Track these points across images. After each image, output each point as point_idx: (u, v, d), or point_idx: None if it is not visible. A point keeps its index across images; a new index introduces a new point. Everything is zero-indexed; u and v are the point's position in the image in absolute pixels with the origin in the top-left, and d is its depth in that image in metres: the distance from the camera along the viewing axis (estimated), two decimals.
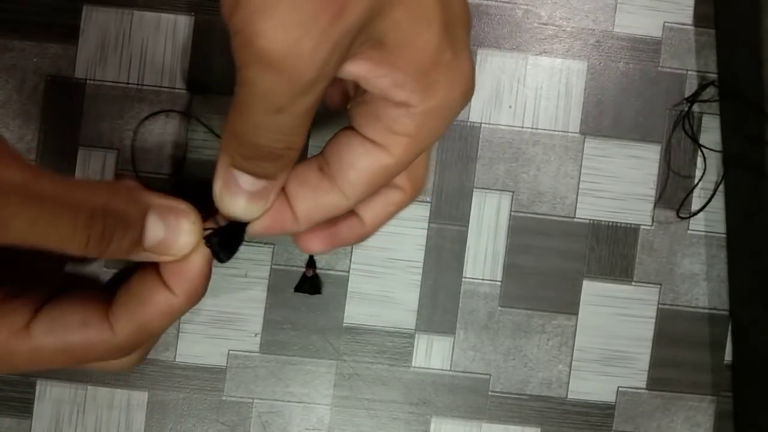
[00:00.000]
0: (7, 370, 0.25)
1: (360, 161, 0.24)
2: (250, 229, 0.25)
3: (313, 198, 0.25)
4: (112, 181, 0.24)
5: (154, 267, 0.25)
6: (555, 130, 0.38)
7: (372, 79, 0.22)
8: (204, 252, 0.25)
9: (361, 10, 0.20)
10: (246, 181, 0.23)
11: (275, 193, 0.25)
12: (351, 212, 0.28)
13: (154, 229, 0.23)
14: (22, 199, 0.21)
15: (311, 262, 0.37)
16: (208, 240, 0.25)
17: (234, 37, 0.20)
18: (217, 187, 0.24)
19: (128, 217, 0.23)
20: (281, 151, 0.22)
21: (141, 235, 0.23)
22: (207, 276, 0.26)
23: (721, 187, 0.38)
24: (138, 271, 0.26)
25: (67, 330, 0.24)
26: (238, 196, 0.24)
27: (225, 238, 0.25)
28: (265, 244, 0.37)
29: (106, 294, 0.25)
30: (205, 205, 0.37)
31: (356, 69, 0.22)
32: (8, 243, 0.22)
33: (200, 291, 0.26)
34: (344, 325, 0.37)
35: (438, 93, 0.23)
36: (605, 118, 0.38)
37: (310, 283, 0.37)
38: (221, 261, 0.25)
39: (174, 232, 0.24)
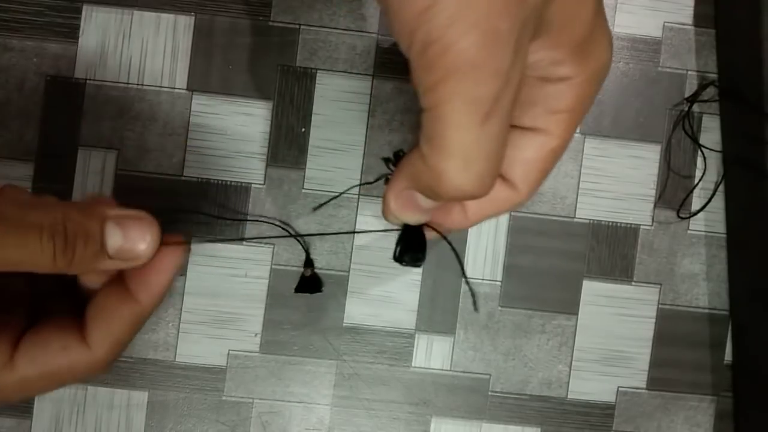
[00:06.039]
0: None
1: (526, 153, 0.24)
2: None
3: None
4: (66, 201, 0.26)
5: (119, 279, 0.27)
6: None
7: (531, 63, 0.22)
8: (167, 258, 0.26)
9: None
10: (428, 202, 0.23)
11: None
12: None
13: (113, 237, 0.25)
14: None
15: (309, 262, 0.37)
16: (400, 255, 0.25)
17: (424, 52, 0.19)
18: (392, 204, 0.24)
19: (87, 228, 0.24)
20: (484, 190, 0.21)
21: (102, 244, 0.24)
22: (170, 282, 0.27)
23: (721, 187, 0.38)
24: (103, 286, 0.27)
25: (49, 357, 0.25)
26: (416, 213, 0.24)
27: (409, 244, 0.26)
28: (265, 244, 0.37)
29: (77, 314, 0.27)
30: (202, 202, 0.37)
31: None
32: None
33: (164, 295, 0.27)
34: (344, 325, 0.37)
35: (592, 61, 0.23)
36: (605, 118, 0.38)
37: (310, 282, 0.37)
38: (417, 265, 0.26)
39: (131, 238, 0.25)
